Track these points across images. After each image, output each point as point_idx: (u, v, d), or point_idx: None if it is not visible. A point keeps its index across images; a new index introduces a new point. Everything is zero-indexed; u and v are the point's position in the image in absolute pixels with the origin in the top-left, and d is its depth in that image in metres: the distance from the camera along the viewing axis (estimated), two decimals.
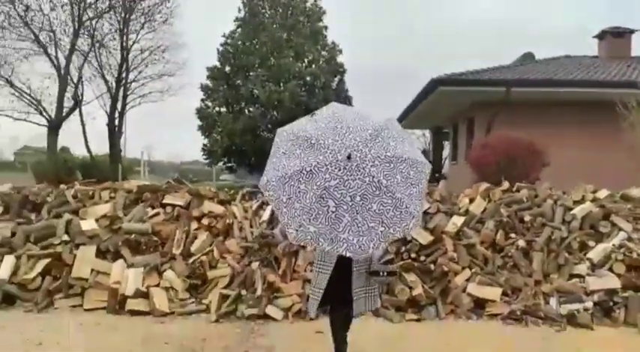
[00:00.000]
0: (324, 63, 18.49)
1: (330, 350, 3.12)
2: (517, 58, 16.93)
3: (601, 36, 16.93)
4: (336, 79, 18.90)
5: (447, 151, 20.66)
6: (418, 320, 4.46)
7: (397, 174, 2.48)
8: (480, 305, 4.62)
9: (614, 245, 4.86)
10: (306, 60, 18.07)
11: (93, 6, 15.99)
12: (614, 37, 16.65)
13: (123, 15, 16.96)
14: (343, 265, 2.92)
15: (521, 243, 4.98)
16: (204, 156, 19.13)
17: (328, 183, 2.39)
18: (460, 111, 15.09)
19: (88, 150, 17.68)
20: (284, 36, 17.87)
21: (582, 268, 4.73)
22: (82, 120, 16.87)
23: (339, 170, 2.41)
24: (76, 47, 15.48)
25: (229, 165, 18.28)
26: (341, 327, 3.12)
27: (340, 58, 19.26)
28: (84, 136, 17.18)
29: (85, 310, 4.59)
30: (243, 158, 17.66)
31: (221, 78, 18.41)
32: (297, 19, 18.15)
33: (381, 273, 3.03)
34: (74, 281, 4.74)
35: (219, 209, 5.37)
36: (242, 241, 5.04)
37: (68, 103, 16.00)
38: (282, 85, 17.34)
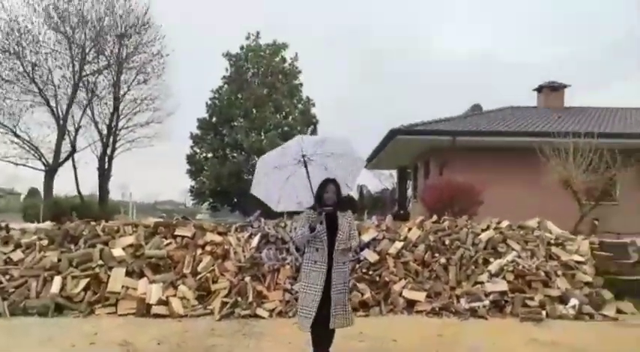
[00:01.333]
0: (299, 114, 21.04)
1: (305, 336, 4.21)
2: (467, 109, 19.45)
3: (539, 89, 19.69)
4: (310, 129, 21.35)
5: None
6: (367, 316, 6.14)
7: (335, 162, 4.14)
8: (411, 304, 6.35)
9: (507, 261, 6.73)
10: (283, 112, 20.43)
11: (91, 63, 17.78)
12: (551, 90, 19.42)
13: (117, 69, 18.81)
14: (324, 287, 3.81)
15: (442, 260, 6.81)
16: (192, 197, 20.90)
17: (291, 172, 4.12)
18: (418, 155, 17.28)
19: (79, 193, 19.04)
20: (265, 92, 20.27)
21: (484, 277, 6.57)
22: (74, 166, 18.32)
23: (297, 163, 4.09)
24: (75, 100, 17.12)
25: (214, 204, 19.90)
26: (326, 341, 3.92)
27: (313, 110, 21.98)
28: (75, 180, 18.58)
29: (119, 315, 6.11)
30: (227, 199, 19.34)
31: (209, 128, 20.60)
32: (276, 77, 20.72)
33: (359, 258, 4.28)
34: (109, 295, 6.28)
35: (218, 238, 7.05)
36: (237, 262, 6.70)
37: (64, 149, 17.46)
38: (262, 134, 19.63)
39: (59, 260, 6.67)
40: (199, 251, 6.93)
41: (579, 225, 11.30)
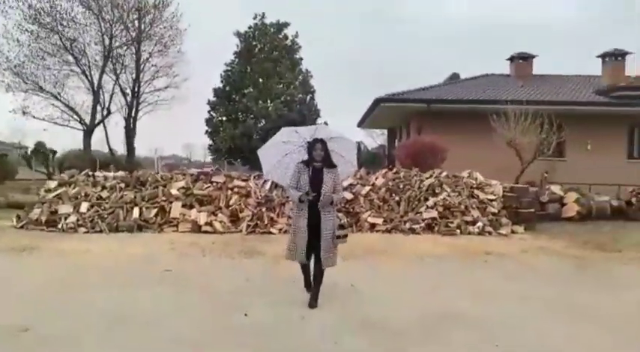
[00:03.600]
0: (300, 85, 23.89)
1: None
2: (446, 77, 22.08)
3: (511, 59, 22.19)
4: (308, 97, 24.42)
5: None
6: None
7: (336, 144, 4.82)
8: (372, 226, 9.50)
9: (440, 198, 9.83)
10: (286, 83, 23.22)
11: (116, 37, 20.34)
12: (521, 60, 21.93)
13: (137, 40, 21.32)
14: (314, 230, 4.52)
15: (397, 198, 9.92)
16: (210, 153, 24.30)
17: (289, 151, 4.91)
18: (401, 119, 20.14)
19: (110, 150, 22.14)
20: (270, 65, 23.01)
21: (422, 209, 9.69)
22: (104, 127, 21.30)
23: (299, 147, 4.85)
24: (105, 70, 19.84)
25: (229, 160, 22.93)
26: (318, 279, 4.64)
27: (312, 81, 24.90)
28: (106, 139, 21.65)
29: (180, 232, 9.28)
30: (240, 155, 22.52)
31: (223, 96, 23.59)
32: (280, 53, 23.39)
33: (341, 237, 4.66)
34: (172, 219, 9.45)
35: (242, 183, 10.14)
36: (256, 199, 9.82)
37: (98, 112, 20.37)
38: (268, 101, 22.62)
39: (135, 197, 9.81)
40: (229, 192, 10.03)
41: (520, 176, 14.32)
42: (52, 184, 10.29)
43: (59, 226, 9.24)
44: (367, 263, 6.73)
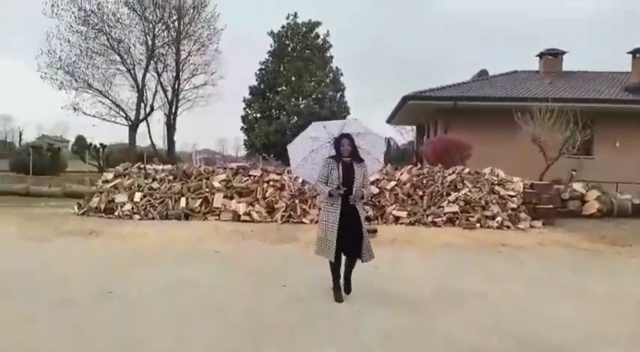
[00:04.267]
0: (330, 83, 24.70)
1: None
2: (474, 74, 22.38)
3: (540, 55, 22.27)
4: (339, 95, 25.27)
5: None
6: (371, 226, 10.07)
7: (363, 140, 4.84)
8: (397, 219, 10.23)
9: (461, 193, 10.45)
10: (317, 81, 24.11)
11: (158, 37, 21.62)
12: (550, 56, 22.00)
13: (177, 39, 22.57)
14: (350, 225, 4.56)
15: (420, 193, 10.61)
16: (246, 149, 25.60)
17: (317, 147, 4.92)
18: (429, 115, 20.64)
19: (152, 144, 23.56)
20: (302, 64, 23.90)
21: (445, 203, 10.35)
22: (147, 123, 22.71)
23: (326, 143, 4.87)
24: (148, 69, 21.18)
25: (264, 155, 24.02)
26: (350, 268, 4.81)
27: (342, 79, 25.77)
28: (149, 134, 23.06)
29: (222, 220, 10.26)
30: (274, 150, 23.56)
31: (258, 93, 24.72)
32: (311, 51, 24.27)
33: (370, 232, 5.26)
34: (214, 209, 10.45)
35: (277, 177, 11.04)
36: (289, 191, 10.70)
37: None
38: (300, 99, 23.58)
39: (181, 188, 10.86)
40: (265, 185, 10.96)
41: (545, 173, 14.67)
42: (109, 176, 11.48)
43: (116, 213, 10.40)
44: (391, 250, 7.49)
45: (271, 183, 10.95)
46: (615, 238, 9.11)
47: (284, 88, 24.41)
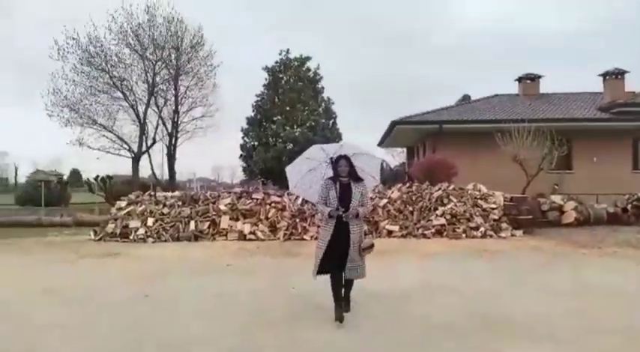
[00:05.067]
0: (323, 111, 26.35)
1: None
2: (457, 99, 23.77)
3: (519, 80, 23.73)
4: (331, 122, 26.94)
5: None
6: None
7: (359, 159, 4.93)
8: (390, 233, 11.18)
9: (447, 208, 11.45)
10: (309, 110, 25.66)
11: (158, 74, 22.90)
12: (528, 80, 23.46)
13: (175, 76, 23.84)
14: (342, 242, 4.57)
15: (410, 208, 11.60)
16: (245, 176, 26.91)
17: (313, 167, 5.15)
18: (417, 138, 21.86)
19: (154, 174, 24.52)
20: (295, 95, 25.45)
21: (433, 217, 11.33)
22: (149, 154, 23.72)
23: (323, 163, 5.09)
24: (150, 104, 22.37)
25: (263, 180, 25.10)
26: (346, 288, 4.81)
27: (333, 107, 27.49)
28: (150, 165, 24.05)
29: (229, 240, 11.14)
30: (272, 176, 24.66)
31: (255, 123, 26.25)
32: (304, 83, 25.94)
33: (368, 248, 4.73)
34: (221, 230, 11.35)
35: (278, 199, 12.01)
36: (290, 212, 11.65)
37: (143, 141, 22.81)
38: (295, 127, 25.01)
39: (190, 212, 11.78)
40: (268, 206, 11.91)
41: (526, 188, 15.71)
42: (123, 203, 12.39)
43: (131, 237, 11.27)
44: (382, 258, 8.41)
45: (273, 204, 11.90)
46: (586, 242, 10.10)
47: (279, 117, 25.91)
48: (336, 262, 4.67)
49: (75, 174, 48.30)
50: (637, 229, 12.29)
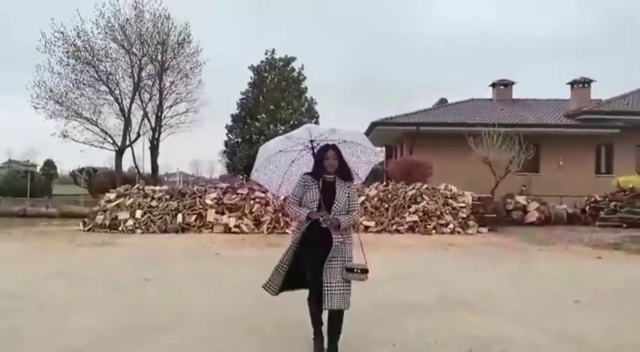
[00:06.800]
0: (305, 111, 27.10)
1: None
2: (435, 102, 24.80)
3: (493, 85, 24.90)
4: (314, 121, 27.86)
5: None
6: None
7: (348, 148, 3.77)
8: (366, 228, 11.99)
9: (420, 206, 12.34)
10: (293, 109, 26.44)
11: (144, 69, 23.21)
12: (502, 86, 24.64)
13: (160, 71, 24.16)
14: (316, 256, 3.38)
15: (386, 205, 12.44)
16: (228, 172, 27.47)
17: (295, 157, 3.96)
18: (396, 139, 22.78)
19: (136, 167, 24.84)
20: (279, 95, 26.20)
21: (406, 214, 12.21)
22: (132, 148, 24.04)
23: (304, 149, 3.91)
24: (135, 98, 22.70)
25: (245, 175, 25.73)
26: (332, 332, 3.47)
27: (316, 107, 28.28)
28: (133, 158, 24.35)
29: (215, 233, 11.79)
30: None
31: (239, 120, 26.89)
32: (287, 83, 26.66)
33: (355, 270, 3.37)
34: (208, 223, 11.98)
35: (262, 194, 12.70)
36: (273, 206, 12.35)
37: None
38: (279, 125, 25.70)
39: (177, 205, 12.38)
40: (252, 201, 12.59)
41: (495, 189, 16.76)
42: (112, 196, 12.91)
43: (120, 229, 11.82)
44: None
45: (257, 200, 12.60)
46: (543, 239, 11.10)
47: (263, 115, 26.61)
48: (297, 281, 3.70)
49: (49, 164, 47.83)
50: (592, 229, 13.41)
